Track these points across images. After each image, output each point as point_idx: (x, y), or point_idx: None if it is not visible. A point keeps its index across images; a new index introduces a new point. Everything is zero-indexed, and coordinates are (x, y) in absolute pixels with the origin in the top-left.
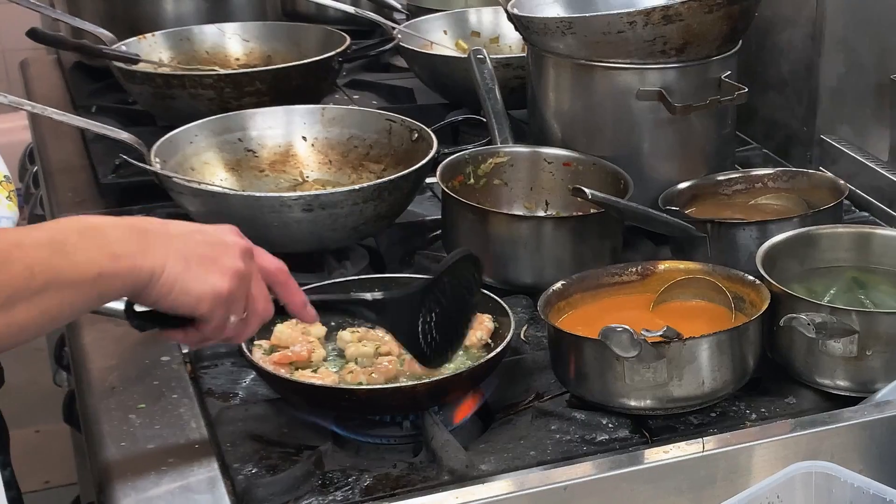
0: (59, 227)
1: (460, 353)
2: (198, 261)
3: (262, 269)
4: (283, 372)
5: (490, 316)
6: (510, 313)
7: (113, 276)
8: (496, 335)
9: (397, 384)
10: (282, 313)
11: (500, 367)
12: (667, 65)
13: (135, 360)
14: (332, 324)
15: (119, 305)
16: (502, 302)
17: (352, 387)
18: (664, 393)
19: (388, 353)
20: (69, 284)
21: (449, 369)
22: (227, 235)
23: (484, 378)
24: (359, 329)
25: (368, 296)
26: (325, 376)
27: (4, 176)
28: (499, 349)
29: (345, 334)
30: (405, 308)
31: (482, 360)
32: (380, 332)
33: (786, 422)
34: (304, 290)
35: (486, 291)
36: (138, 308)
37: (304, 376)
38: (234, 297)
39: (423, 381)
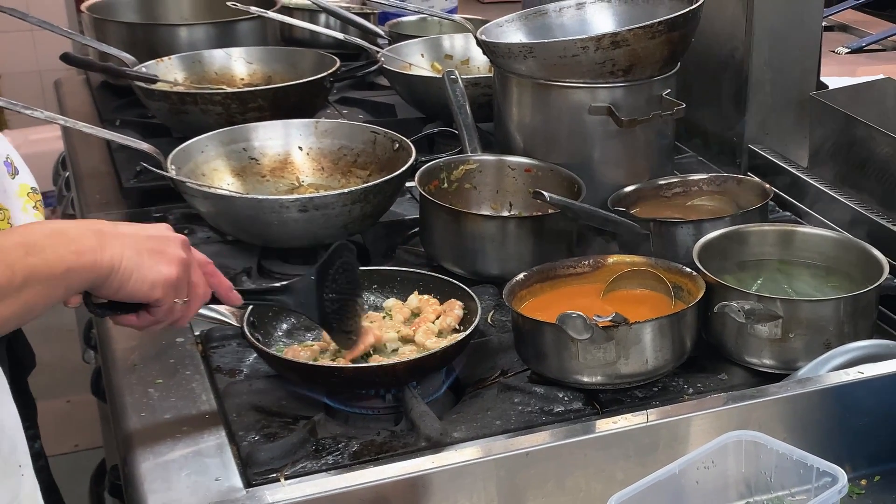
0: (29, 231)
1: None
2: (148, 253)
3: (196, 261)
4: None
5: (460, 303)
6: (477, 300)
7: (79, 269)
8: (465, 320)
9: (379, 363)
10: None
11: (470, 348)
12: (615, 84)
13: (153, 341)
14: None
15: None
16: (470, 291)
17: (339, 365)
18: (613, 370)
19: None
20: (43, 280)
21: (421, 351)
22: (167, 231)
23: (454, 357)
24: None
25: (277, 285)
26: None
27: (32, 188)
28: (468, 332)
29: None
30: (307, 289)
31: (453, 342)
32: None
33: (719, 396)
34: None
35: (455, 281)
36: (96, 300)
37: (293, 352)
38: (181, 282)
39: (402, 361)
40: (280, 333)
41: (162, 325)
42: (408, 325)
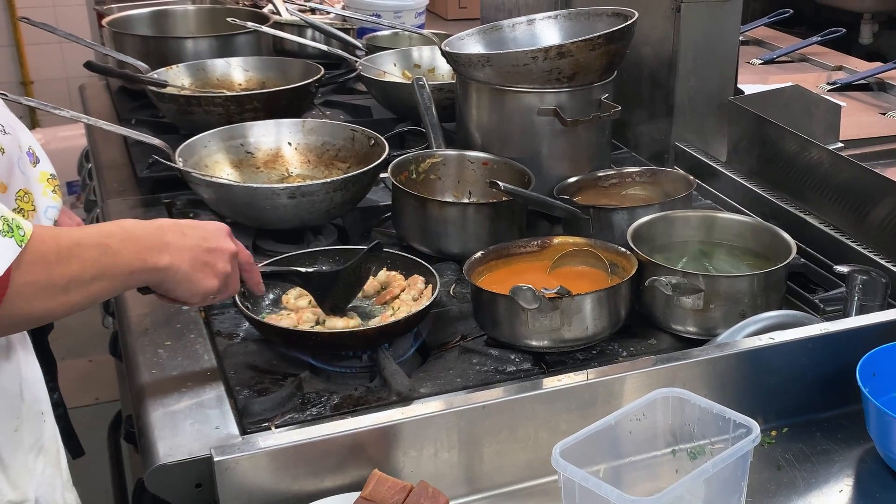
0: (107, 233)
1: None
2: (200, 266)
3: (238, 260)
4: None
5: (422, 278)
6: (437, 276)
7: (140, 272)
8: (426, 293)
9: (353, 329)
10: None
11: (434, 316)
12: (560, 89)
13: (163, 308)
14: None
15: None
16: (431, 267)
17: (318, 330)
18: (558, 336)
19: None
20: (109, 277)
21: (387, 318)
22: (223, 240)
23: (417, 324)
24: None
25: (303, 270)
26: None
27: (51, 174)
28: (428, 303)
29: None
30: (326, 281)
31: (415, 311)
32: None
33: (649, 358)
34: (261, 264)
35: (419, 260)
36: None
37: (275, 320)
38: (219, 291)
39: (373, 327)
40: (267, 302)
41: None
42: (377, 296)
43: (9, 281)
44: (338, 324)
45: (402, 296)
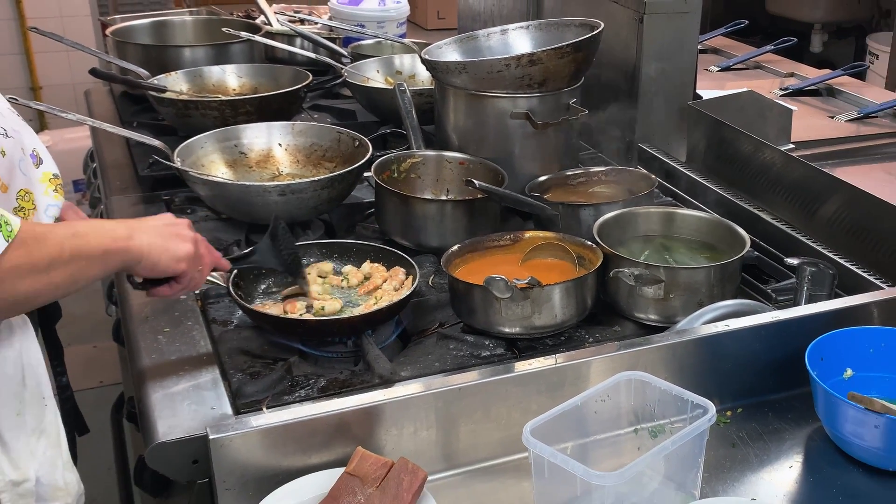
0: (75, 223)
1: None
2: (169, 236)
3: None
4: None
5: (403, 269)
6: (416, 267)
7: (114, 252)
8: (406, 283)
9: (337, 316)
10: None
11: (414, 304)
12: (531, 94)
13: (162, 298)
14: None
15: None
16: (411, 259)
17: (304, 318)
18: (529, 323)
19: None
20: (86, 257)
21: (371, 307)
22: (174, 218)
23: (398, 312)
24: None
25: (247, 250)
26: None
27: (54, 174)
28: (408, 292)
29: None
30: (269, 250)
31: (396, 300)
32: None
33: (613, 343)
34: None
35: (400, 252)
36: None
37: (263, 308)
38: (198, 255)
39: (356, 315)
40: (259, 292)
41: (184, 290)
42: (360, 287)
43: None
44: (327, 307)
45: (384, 286)
